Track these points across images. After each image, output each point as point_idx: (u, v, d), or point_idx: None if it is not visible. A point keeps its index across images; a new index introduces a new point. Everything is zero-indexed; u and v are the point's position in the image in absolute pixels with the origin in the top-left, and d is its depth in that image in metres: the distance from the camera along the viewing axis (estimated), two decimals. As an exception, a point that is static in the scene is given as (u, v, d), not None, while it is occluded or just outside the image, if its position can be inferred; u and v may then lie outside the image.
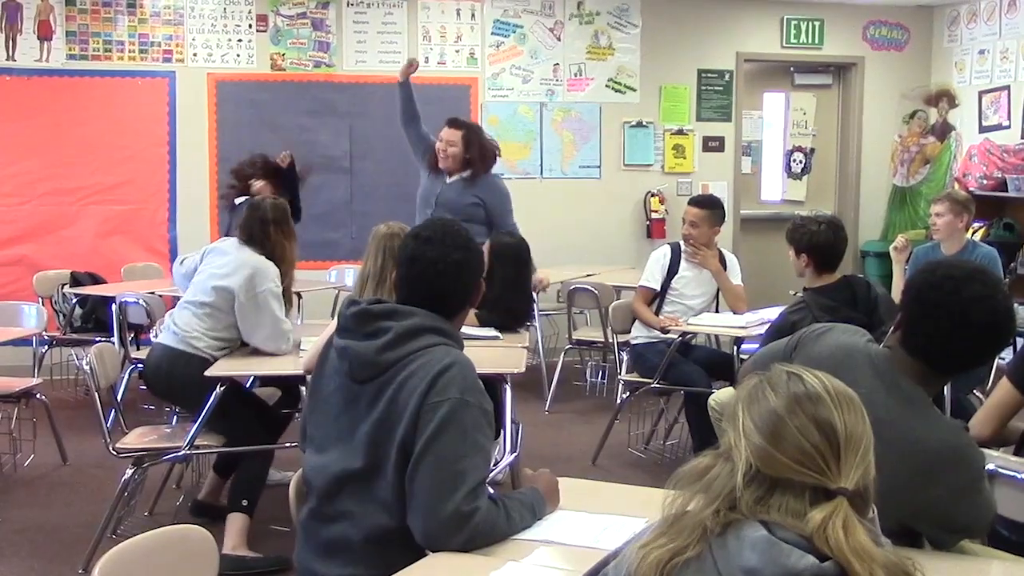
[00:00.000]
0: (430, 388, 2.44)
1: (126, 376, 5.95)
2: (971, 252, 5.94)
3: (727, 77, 9.30)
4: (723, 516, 1.62)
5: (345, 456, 2.53)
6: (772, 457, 1.61)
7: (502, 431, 4.28)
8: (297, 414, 4.82)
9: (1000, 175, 8.39)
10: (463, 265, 2.67)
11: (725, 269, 5.98)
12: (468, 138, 5.93)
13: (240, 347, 4.72)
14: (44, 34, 8.18)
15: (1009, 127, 8.71)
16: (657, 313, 5.93)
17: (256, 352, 4.67)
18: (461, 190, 5.93)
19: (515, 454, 4.35)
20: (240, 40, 8.44)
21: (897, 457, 1.74)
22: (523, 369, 4.49)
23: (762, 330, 5.36)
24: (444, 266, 2.63)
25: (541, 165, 9.01)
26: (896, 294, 5.60)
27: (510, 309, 5.24)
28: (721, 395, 4.81)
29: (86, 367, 4.57)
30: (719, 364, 5.82)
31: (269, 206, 4.82)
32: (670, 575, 1.61)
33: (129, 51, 8.29)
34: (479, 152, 5.95)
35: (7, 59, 8.14)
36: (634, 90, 9.10)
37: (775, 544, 1.55)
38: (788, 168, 9.93)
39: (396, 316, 2.58)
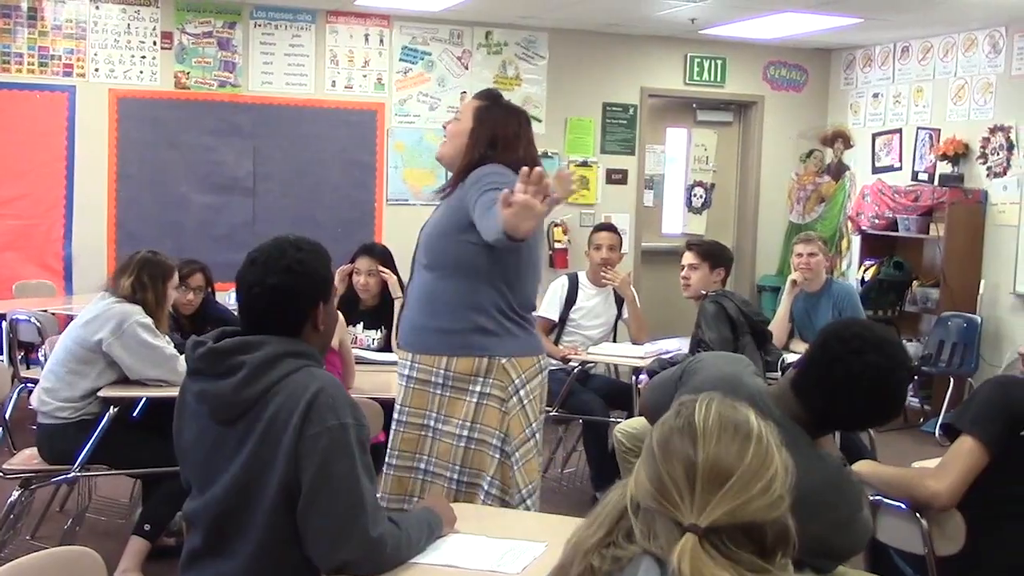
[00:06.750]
0: (304, 421, 2.35)
1: (14, 395, 5.78)
2: (831, 288, 6.12)
3: (631, 111, 9.45)
4: (615, 549, 1.63)
5: (218, 497, 2.45)
6: (644, 488, 1.61)
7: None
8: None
9: (891, 215, 8.65)
10: (279, 289, 2.50)
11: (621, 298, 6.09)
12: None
13: None
14: (-61, 43, 7.97)
15: (900, 169, 8.99)
16: (556, 343, 5.99)
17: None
18: None
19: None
20: (144, 57, 8.31)
21: None
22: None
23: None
24: (260, 290, 2.51)
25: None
26: (778, 325, 5.79)
27: None
28: (628, 426, 4.89)
29: (-27, 385, 4.45)
30: (617, 393, 5.89)
31: None
32: None
33: (28, 64, 8.11)
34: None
35: (-101, 67, 7.91)
36: (540, 121, 9.15)
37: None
38: (689, 202, 10.08)
39: (247, 349, 2.44)
